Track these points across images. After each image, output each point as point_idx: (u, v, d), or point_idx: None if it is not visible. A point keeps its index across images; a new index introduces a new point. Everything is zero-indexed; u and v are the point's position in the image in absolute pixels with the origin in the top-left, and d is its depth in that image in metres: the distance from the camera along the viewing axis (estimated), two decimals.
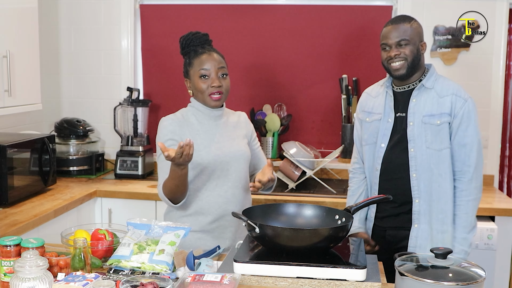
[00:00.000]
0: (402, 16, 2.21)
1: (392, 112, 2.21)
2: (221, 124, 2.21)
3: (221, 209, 2.13)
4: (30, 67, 2.98)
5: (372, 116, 2.27)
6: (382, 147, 2.21)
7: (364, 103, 2.33)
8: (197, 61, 2.13)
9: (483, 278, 1.43)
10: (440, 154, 2.13)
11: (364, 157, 2.31)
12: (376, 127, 2.23)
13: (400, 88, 2.21)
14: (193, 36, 2.16)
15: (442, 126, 2.12)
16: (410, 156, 2.15)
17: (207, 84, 2.11)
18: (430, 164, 2.13)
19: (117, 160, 3.44)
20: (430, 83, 2.17)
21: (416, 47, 2.14)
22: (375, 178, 2.24)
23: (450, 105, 2.13)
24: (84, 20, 3.65)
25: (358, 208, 1.86)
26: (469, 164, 2.13)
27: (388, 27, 2.16)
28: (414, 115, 2.15)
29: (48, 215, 2.58)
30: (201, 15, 3.56)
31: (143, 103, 3.52)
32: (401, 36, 2.12)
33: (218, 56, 2.16)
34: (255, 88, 3.60)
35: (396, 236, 2.20)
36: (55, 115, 3.68)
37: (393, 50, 2.13)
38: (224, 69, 2.15)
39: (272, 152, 3.57)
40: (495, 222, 2.86)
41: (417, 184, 2.15)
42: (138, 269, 1.67)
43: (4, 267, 1.59)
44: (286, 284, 1.61)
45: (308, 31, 3.50)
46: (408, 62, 2.12)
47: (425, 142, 2.13)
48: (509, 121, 3.66)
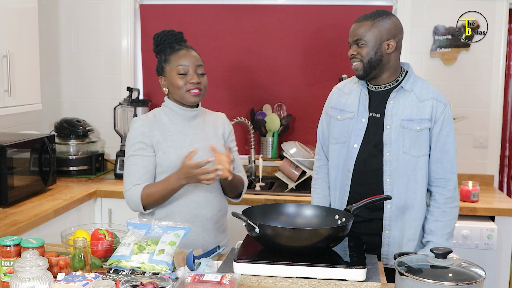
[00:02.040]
0: (373, 12, 2.06)
1: (366, 111, 2.10)
2: (196, 125, 2.14)
3: (192, 214, 2.08)
4: (30, 67, 2.98)
5: (344, 114, 2.15)
6: (355, 148, 2.10)
7: (335, 99, 2.21)
8: (174, 57, 2.08)
9: (483, 278, 1.43)
10: (418, 161, 2.04)
11: (331, 155, 2.19)
12: (347, 126, 2.12)
13: (376, 88, 2.10)
14: (168, 33, 2.13)
15: (422, 132, 2.03)
16: (385, 161, 2.05)
17: (185, 81, 2.06)
18: (406, 170, 2.04)
19: (117, 160, 3.44)
20: (409, 85, 2.07)
21: (376, 47, 2.01)
22: (346, 179, 2.12)
23: (430, 110, 2.04)
24: (84, 20, 3.65)
25: (358, 208, 1.85)
26: (453, 171, 2.07)
27: (353, 24, 2.07)
28: (392, 118, 2.05)
29: (48, 215, 2.58)
30: (201, 15, 3.56)
31: (143, 103, 3.52)
32: (358, 35, 2.02)
33: (196, 53, 2.12)
34: (255, 88, 3.60)
35: (371, 243, 2.09)
36: (55, 115, 3.68)
37: (352, 49, 2.05)
38: (202, 68, 2.09)
39: (272, 152, 3.57)
40: (495, 222, 2.86)
41: (390, 189, 2.05)
42: (138, 269, 1.67)
43: (4, 267, 1.59)
44: (286, 284, 1.61)
45: (308, 31, 3.50)
46: (364, 64, 2.02)
47: (403, 147, 2.04)
48: (509, 121, 3.66)
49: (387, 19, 2.03)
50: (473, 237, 2.81)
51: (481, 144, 3.39)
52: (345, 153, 2.13)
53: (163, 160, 2.07)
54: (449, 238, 2.09)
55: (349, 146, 2.12)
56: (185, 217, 2.08)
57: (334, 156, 2.18)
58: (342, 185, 2.15)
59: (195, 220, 2.07)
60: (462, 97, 3.35)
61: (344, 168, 2.14)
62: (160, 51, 2.14)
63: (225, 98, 3.59)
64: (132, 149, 2.08)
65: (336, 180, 2.18)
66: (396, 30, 2.04)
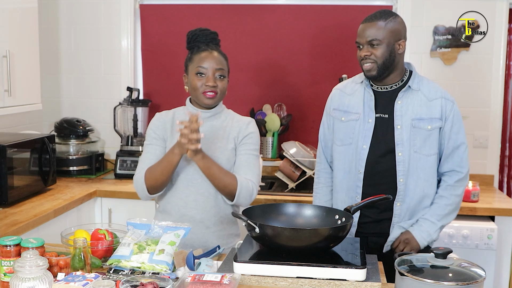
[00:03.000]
0: (380, 12, 2.06)
1: (372, 112, 2.10)
2: (208, 127, 2.13)
3: (180, 213, 2.09)
4: (30, 67, 2.98)
5: (348, 115, 2.14)
6: (364, 149, 2.09)
7: (338, 100, 2.19)
8: (196, 57, 2.08)
9: (483, 278, 1.42)
10: (429, 160, 2.07)
11: (336, 157, 2.18)
12: (353, 127, 2.12)
13: (381, 88, 2.11)
14: (200, 32, 2.13)
15: (433, 132, 2.06)
16: (398, 161, 2.06)
17: (202, 82, 2.06)
18: (417, 169, 2.06)
19: (117, 160, 3.44)
20: (416, 84, 2.08)
21: (390, 47, 2.02)
22: (358, 181, 2.11)
23: (440, 109, 2.06)
24: (84, 20, 3.65)
25: (358, 208, 1.85)
26: (463, 165, 2.10)
27: (362, 24, 2.06)
28: (402, 118, 2.06)
29: (48, 215, 2.58)
30: (201, 15, 3.56)
31: (143, 103, 3.52)
32: (372, 36, 2.01)
33: (220, 56, 2.10)
34: (255, 88, 3.60)
35: (378, 243, 2.13)
36: (55, 115, 3.68)
37: (364, 49, 2.04)
38: (222, 71, 2.09)
39: (272, 152, 3.57)
40: (495, 222, 2.86)
41: (404, 189, 2.07)
42: (138, 269, 1.67)
43: (4, 267, 1.59)
44: (286, 284, 1.61)
45: (308, 31, 3.50)
46: (378, 64, 2.02)
47: (413, 146, 2.05)
48: (509, 121, 3.66)
49: (397, 19, 2.05)
50: (473, 237, 2.81)
51: (481, 144, 3.39)
52: (351, 155, 2.13)
53: None
54: (440, 220, 2.08)
55: (357, 147, 2.11)
56: (175, 215, 2.10)
57: (339, 158, 2.17)
58: (352, 186, 2.13)
59: (182, 220, 2.06)
60: (462, 97, 3.34)
61: (353, 170, 2.13)
62: (189, 48, 2.14)
63: (225, 98, 3.58)
64: (148, 140, 2.16)
65: (342, 182, 2.17)
66: (404, 30, 2.08)
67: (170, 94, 3.64)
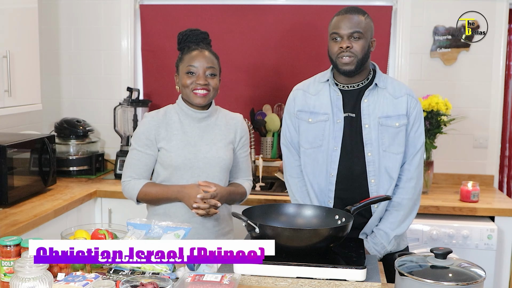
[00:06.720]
0: (355, 7, 2.00)
1: (341, 112, 2.02)
2: (204, 127, 2.14)
3: (188, 214, 2.10)
4: (30, 67, 2.98)
5: (316, 116, 2.05)
6: (336, 151, 2.01)
7: (302, 101, 2.09)
8: (187, 57, 2.09)
9: (483, 278, 1.43)
10: (397, 158, 2.00)
11: (305, 161, 2.08)
12: (322, 129, 2.03)
13: (347, 87, 2.04)
14: (190, 32, 2.13)
15: (401, 129, 1.99)
16: (368, 161, 2.00)
17: (192, 80, 2.07)
18: (386, 168, 2.00)
19: (117, 160, 3.44)
20: (382, 82, 2.02)
21: (368, 43, 1.97)
22: (330, 185, 2.03)
23: (406, 106, 2.00)
24: (84, 20, 3.65)
25: (358, 209, 1.85)
26: (411, 163, 2.02)
27: (340, 16, 1.97)
28: (369, 117, 2.00)
29: (48, 215, 2.58)
30: (201, 15, 3.56)
31: (143, 103, 3.52)
32: (355, 28, 1.93)
33: (210, 55, 2.10)
34: (255, 88, 3.60)
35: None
36: (55, 115, 3.68)
37: (345, 41, 1.94)
38: (213, 69, 2.08)
39: (272, 152, 3.57)
40: (495, 222, 2.86)
41: (376, 190, 2.00)
42: (138, 269, 1.67)
43: (4, 267, 1.59)
44: (286, 284, 1.61)
45: (308, 31, 3.50)
46: (358, 59, 1.95)
47: (382, 145, 1.99)
48: (509, 121, 3.66)
49: (370, 18, 2.01)
50: (473, 237, 2.81)
51: (481, 144, 3.39)
52: (321, 158, 2.04)
53: (165, 158, 2.10)
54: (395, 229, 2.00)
55: (328, 149, 2.03)
56: (181, 217, 2.10)
57: (308, 162, 2.08)
58: (324, 191, 2.06)
59: (191, 221, 2.07)
60: (462, 97, 3.35)
61: (323, 173, 2.05)
62: (180, 49, 2.16)
63: (225, 98, 3.58)
64: (138, 144, 2.13)
65: (312, 186, 2.08)
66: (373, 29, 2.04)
67: (170, 94, 3.63)
